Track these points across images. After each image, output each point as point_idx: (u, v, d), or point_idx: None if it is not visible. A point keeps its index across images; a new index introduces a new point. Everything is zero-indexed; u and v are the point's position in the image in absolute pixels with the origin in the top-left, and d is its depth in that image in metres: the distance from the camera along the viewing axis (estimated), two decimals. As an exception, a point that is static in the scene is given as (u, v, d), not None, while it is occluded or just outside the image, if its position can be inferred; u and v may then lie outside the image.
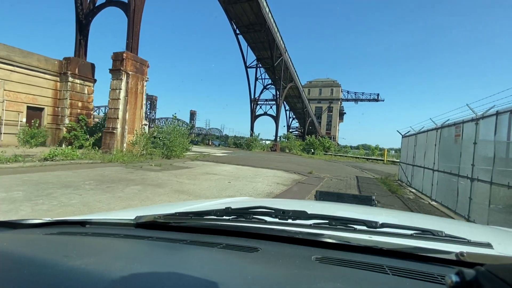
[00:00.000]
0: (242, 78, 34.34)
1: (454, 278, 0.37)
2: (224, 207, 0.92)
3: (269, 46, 31.19)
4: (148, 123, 17.61)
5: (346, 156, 27.95)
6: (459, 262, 0.60)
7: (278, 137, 38.47)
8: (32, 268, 0.50)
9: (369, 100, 79.81)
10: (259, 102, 36.74)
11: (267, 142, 37.28)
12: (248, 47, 33.24)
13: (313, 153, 31.84)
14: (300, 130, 58.25)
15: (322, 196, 1.83)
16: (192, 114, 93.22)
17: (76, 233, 0.84)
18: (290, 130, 58.82)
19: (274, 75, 35.02)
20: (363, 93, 79.91)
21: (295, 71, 41.97)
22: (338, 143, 63.84)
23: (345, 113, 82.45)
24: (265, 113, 36.08)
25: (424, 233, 0.73)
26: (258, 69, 35.80)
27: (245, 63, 33.84)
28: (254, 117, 35.86)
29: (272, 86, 35.96)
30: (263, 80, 36.93)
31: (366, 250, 0.69)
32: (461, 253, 0.59)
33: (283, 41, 34.54)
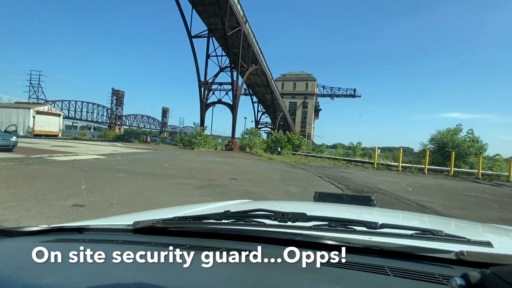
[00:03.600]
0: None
1: (459, 281, 0.37)
2: (223, 211, 0.91)
3: (219, 8, 23.13)
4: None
5: (320, 156, 20.55)
6: (460, 261, 0.60)
7: (242, 133, 30.47)
8: (26, 278, 0.50)
9: (346, 95, 74.58)
10: (212, 87, 28.49)
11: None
12: (194, 10, 24.89)
13: (279, 153, 24.21)
14: (271, 127, 50.82)
15: (321, 197, 1.79)
16: (165, 112, 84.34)
17: (72, 240, 0.83)
18: (259, 126, 51.05)
19: (229, 52, 26.94)
20: (339, 88, 74.47)
21: (261, 52, 34.20)
22: (313, 142, 57.45)
23: (320, 109, 76.56)
24: (219, 101, 27.87)
25: (424, 233, 0.73)
26: (212, 44, 27.53)
27: (188, 31, 25.39)
28: (204, 105, 27.56)
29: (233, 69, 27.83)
30: (221, 59, 28.70)
31: (367, 251, 0.68)
32: (461, 252, 0.59)
33: (241, 7, 26.66)
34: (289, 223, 0.82)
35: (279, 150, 25.48)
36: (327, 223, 0.79)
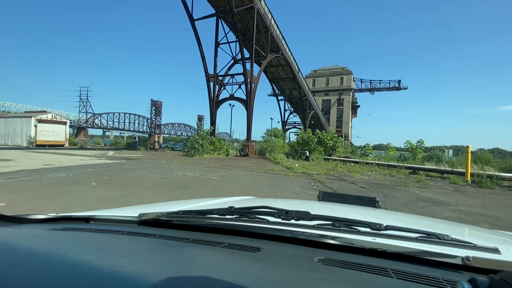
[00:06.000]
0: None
1: (466, 285, 0.36)
2: (227, 206, 0.91)
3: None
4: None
5: (367, 163, 14.17)
6: (465, 267, 0.58)
7: (263, 135, 25.20)
8: (36, 264, 0.50)
9: (389, 89, 64.96)
10: (225, 81, 23.78)
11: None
12: (195, -13, 20.54)
13: (306, 158, 18.36)
14: (300, 127, 44.70)
15: (326, 197, 1.75)
16: (200, 119, 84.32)
17: (80, 229, 0.84)
18: (287, 127, 45.21)
19: (240, 36, 22.02)
20: (380, 81, 65.38)
21: (283, 38, 28.71)
22: (351, 143, 49.86)
23: (359, 106, 67.64)
24: (232, 96, 22.94)
25: (429, 237, 0.71)
26: (223, 29, 22.90)
27: (189, 13, 21.01)
28: (214, 102, 22.91)
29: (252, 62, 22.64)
30: (234, 49, 23.91)
31: (370, 253, 0.67)
32: (467, 258, 0.58)
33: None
34: (293, 221, 0.81)
35: (307, 154, 19.60)
36: (330, 222, 0.79)
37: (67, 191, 4.85)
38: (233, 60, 24.43)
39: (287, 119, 45.19)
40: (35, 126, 24.79)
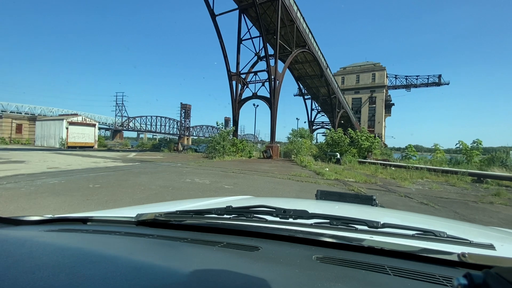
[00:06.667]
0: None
1: (462, 280, 0.36)
2: (225, 206, 0.91)
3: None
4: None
5: (416, 168, 11.81)
6: (461, 263, 0.60)
7: (288, 136, 23.55)
8: (32, 265, 0.50)
9: (427, 84, 59.36)
10: (248, 79, 22.54)
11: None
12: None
13: (337, 161, 16.41)
14: (328, 127, 42.10)
15: (323, 195, 1.75)
16: (227, 121, 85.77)
17: (77, 230, 0.83)
18: (314, 127, 42.85)
19: (263, 30, 20.63)
20: (417, 76, 60.05)
21: (310, 32, 26.81)
22: (385, 144, 46.10)
23: (393, 104, 62.80)
24: (255, 95, 21.57)
25: (425, 234, 0.72)
26: (245, 25, 21.73)
27: (210, 9, 20.10)
28: (237, 102, 21.74)
29: (276, 58, 21.07)
30: (258, 44, 22.60)
31: (367, 250, 0.68)
32: (463, 254, 0.59)
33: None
34: (291, 220, 0.81)
35: (338, 156, 17.57)
36: (328, 221, 0.78)
37: (33, 205, 3.79)
38: (256, 57, 23.10)
39: (314, 119, 42.86)
40: (67, 128, 25.69)
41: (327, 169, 11.66)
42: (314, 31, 26.33)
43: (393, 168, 12.54)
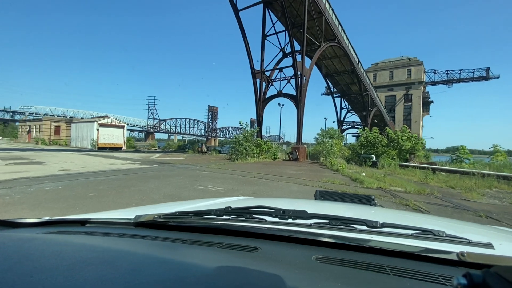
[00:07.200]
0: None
1: (462, 280, 0.36)
2: (224, 207, 0.91)
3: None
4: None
5: (483, 175, 9.69)
6: (460, 262, 0.60)
7: (315, 137, 21.96)
8: (30, 268, 0.49)
9: (472, 79, 53.47)
10: (273, 76, 21.34)
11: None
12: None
13: (373, 164, 14.58)
14: (360, 127, 39.33)
15: (323, 195, 1.73)
16: (252, 123, 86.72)
17: (75, 232, 0.83)
18: (344, 127, 40.30)
19: (289, 23, 19.26)
20: (460, 70, 54.26)
21: (340, 24, 24.91)
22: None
23: (432, 101, 57.56)
24: (280, 93, 20.27)
25: (424, 233, 0.72)
26: (270, 19, 20.57)
27: (233, 3, 19.22)
28: (261, 101, 20.62)
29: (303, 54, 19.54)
30: (284, 40, 21.34)
31: (367, 250, 0.68)
32: (462, 253, 0.59)
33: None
34: (290, 221, 0.81)
35: (373, 159, 15.66)
36: (327, 221, 0.78)
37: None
38: (281, 53, 21.85)
39: (344, 118, 40.33)
40: (97, 130, 26.54)
41: (364, 174, 10.07)
42: (344, 24, 24.36)
43: (443, 174, 10.55)
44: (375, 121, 38.17)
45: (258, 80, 20.56)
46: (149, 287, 0.43)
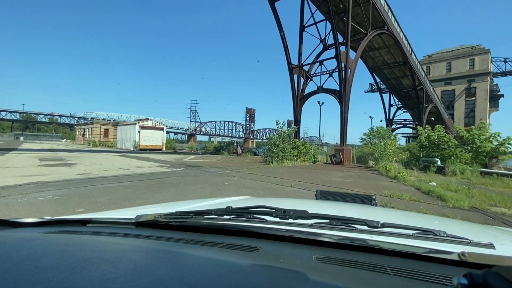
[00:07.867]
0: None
1: (462, 280, 0.37)
2: (224, 207, 0.91)
3: None
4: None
5: None
6: (461, 262, 0.59)
7: (362, 137, 19.48)
8: (31, 268, 0.50)
9: (558, 66, 44.08)
10: (310, 71, 19.43)
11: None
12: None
13: (438, 170, 11.87)
14: (412, 126, 34.76)
15: (323, 195, 1.71)
16: (289, 124, 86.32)
17: (76, 232, 0.83)
18: (394, 126, 36.06)
19: (331, 10, 17.15)
20: (541, 57, 45.11)
21: (390, 10, 21.87)
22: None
23: (501, 95, 49.02)
24: (320, 88, 18.24)
25: (425, 233, 0.72)
26: (309, 9, 18.79)
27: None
28: (299, 98, 18.85)
29: (350, 48, 17.34)
30: (324, 31, 19.38)
31: (367, 250, 0.68)
32: (463, 253, 0.59)
33: None
34: (290, 220, 0.81)
35: (438, 163, 12.83)
36: (328, 221, 0.78)
37: None
38: (321, 45, 19.83)
39: (394, 116, 36.11)
40: (139, 132, 27.48)
41: (434, 183, 7.80)
42: (394, 8, 21.32)
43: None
44: (432, 119, 33.38)
45: (295, 76, 18.89)
46: (150, 287, 0.43)
